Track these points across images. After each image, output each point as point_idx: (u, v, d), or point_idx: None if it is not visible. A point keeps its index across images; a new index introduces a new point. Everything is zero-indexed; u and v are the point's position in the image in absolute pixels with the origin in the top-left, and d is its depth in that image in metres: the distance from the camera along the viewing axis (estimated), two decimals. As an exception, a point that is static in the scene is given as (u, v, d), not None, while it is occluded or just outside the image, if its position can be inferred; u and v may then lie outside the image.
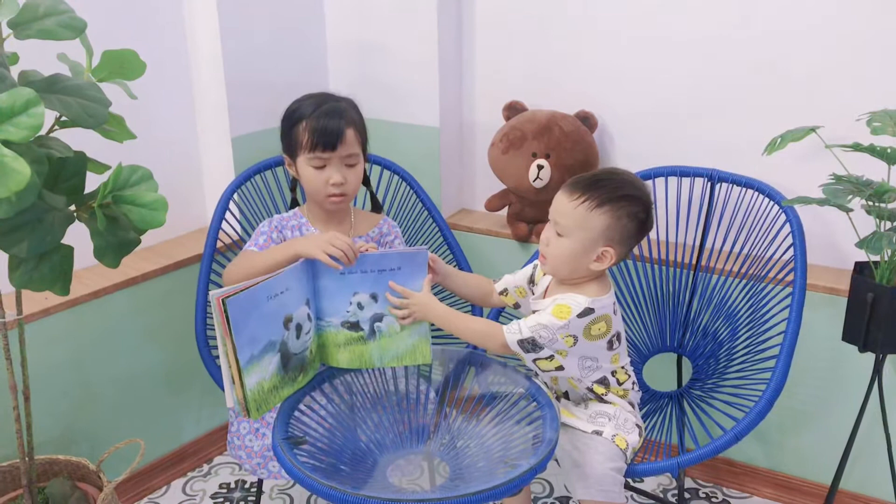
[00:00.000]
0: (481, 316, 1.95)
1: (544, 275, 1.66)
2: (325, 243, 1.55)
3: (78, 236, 1.40)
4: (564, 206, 1.52)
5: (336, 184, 1.69)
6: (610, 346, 1.55)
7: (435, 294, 1.62)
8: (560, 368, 1.53)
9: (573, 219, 1.50)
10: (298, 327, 1.54)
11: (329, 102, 1.72)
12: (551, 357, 1.50)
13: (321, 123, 1.68)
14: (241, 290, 1.40)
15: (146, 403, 2.16)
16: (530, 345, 1.49)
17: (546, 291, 1.62)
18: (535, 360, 1.52)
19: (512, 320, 1.56)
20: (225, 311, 1.37)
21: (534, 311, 1.58)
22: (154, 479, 2.21)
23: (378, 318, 1.59)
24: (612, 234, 1.51)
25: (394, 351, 1.61)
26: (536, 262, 1.70)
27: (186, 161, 2.25)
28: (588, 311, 1.49)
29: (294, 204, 1.89)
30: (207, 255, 1.95)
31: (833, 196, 1.64)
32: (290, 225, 1.78)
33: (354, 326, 1.60)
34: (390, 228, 1.86)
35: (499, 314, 1.97)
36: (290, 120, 1.73)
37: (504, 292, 1.71)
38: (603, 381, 1.59)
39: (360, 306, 1.59)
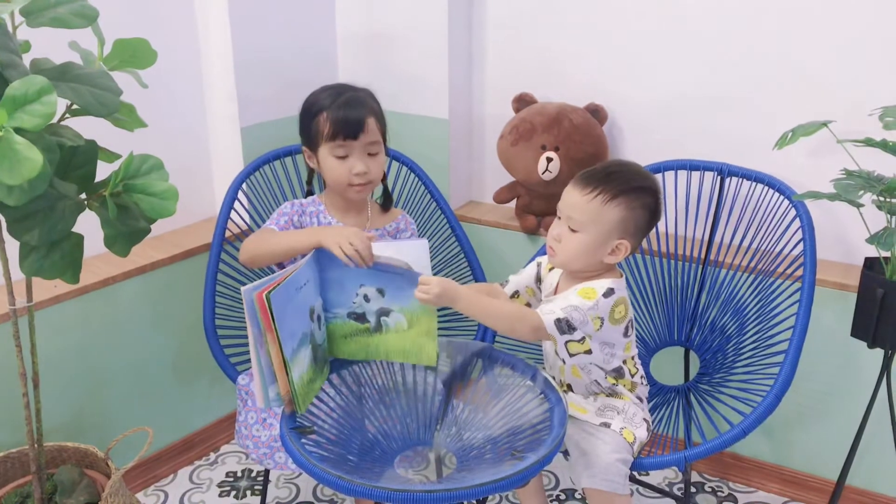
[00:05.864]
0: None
1: (551, 269, 1.65)
2: (344, 240, 1.55)
3: (88, 224, 1.41)
4: (577, 201, 1.51)
5: (359, 173, 1.70)
6: (626, 332, 1.56)
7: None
8: (588, 352, 1.53)
9: (587, 213, 1.50)
10: (319, 318, 1.54)
11: (348, 92, 1.73)
12: (582, 339, 1.51)
13: (342, 113, 1.69)
14: (277, 285, 1.38)
15: (154, 392, 2.17)
16: (566, 325, 1.47)
17: (556, 288, 1.62)
18: (566, 343, 1.51)
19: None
20: (269, 305, 1.36)
21: None
22: (161, 468, 2.22)
23: (385, 312, 1.58)
24: (626, 226, 1.51)
25: (399, 347, 1.60)
26: (539, 259, 1.69)
27: (196, 150, 2.25)
28: (611, 291, 1.50)
29: (309, 195, 1.89)
30: (216, 245, 1.95)
31: (844, 191, 1.64)
32: (308, 211, 1.79)
33: (360, 317, 1.60)
34: (407, 225, 1.87)
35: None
36: (310, 112, 1.73)
37: (515, 294, 1.70)
38: (617, 371, 1.59)
39: (366, 298, 1.58)
